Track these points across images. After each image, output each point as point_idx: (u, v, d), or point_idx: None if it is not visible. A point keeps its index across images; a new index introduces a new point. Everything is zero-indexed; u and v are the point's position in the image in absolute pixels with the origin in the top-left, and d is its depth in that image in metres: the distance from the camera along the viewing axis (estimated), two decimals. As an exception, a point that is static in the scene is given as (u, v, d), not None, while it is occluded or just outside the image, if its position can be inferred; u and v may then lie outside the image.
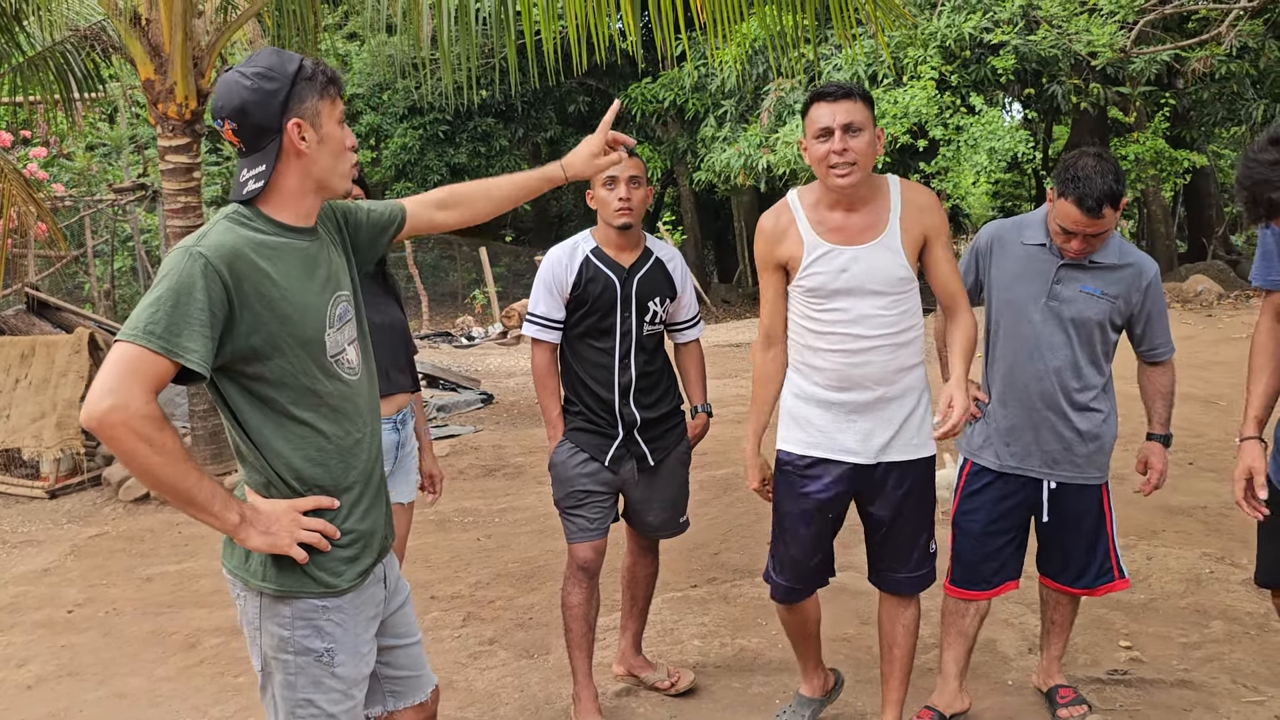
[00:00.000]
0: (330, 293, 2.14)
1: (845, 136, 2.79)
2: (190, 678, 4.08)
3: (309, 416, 2.07)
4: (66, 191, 15.54)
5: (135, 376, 1.86)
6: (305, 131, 2.04)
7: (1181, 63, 14.18)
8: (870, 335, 2.90)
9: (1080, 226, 3.08)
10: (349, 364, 2.17)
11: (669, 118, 19.70)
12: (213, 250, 1.94)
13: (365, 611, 2.18)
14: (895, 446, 2.99)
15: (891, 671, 3.21)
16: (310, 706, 2.11)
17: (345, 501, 2.12)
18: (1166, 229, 18.58)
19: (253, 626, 2.11)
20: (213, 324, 1.92)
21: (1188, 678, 3.66)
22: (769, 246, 2.99)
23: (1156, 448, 3.36)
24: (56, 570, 5.57)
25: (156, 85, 6.74)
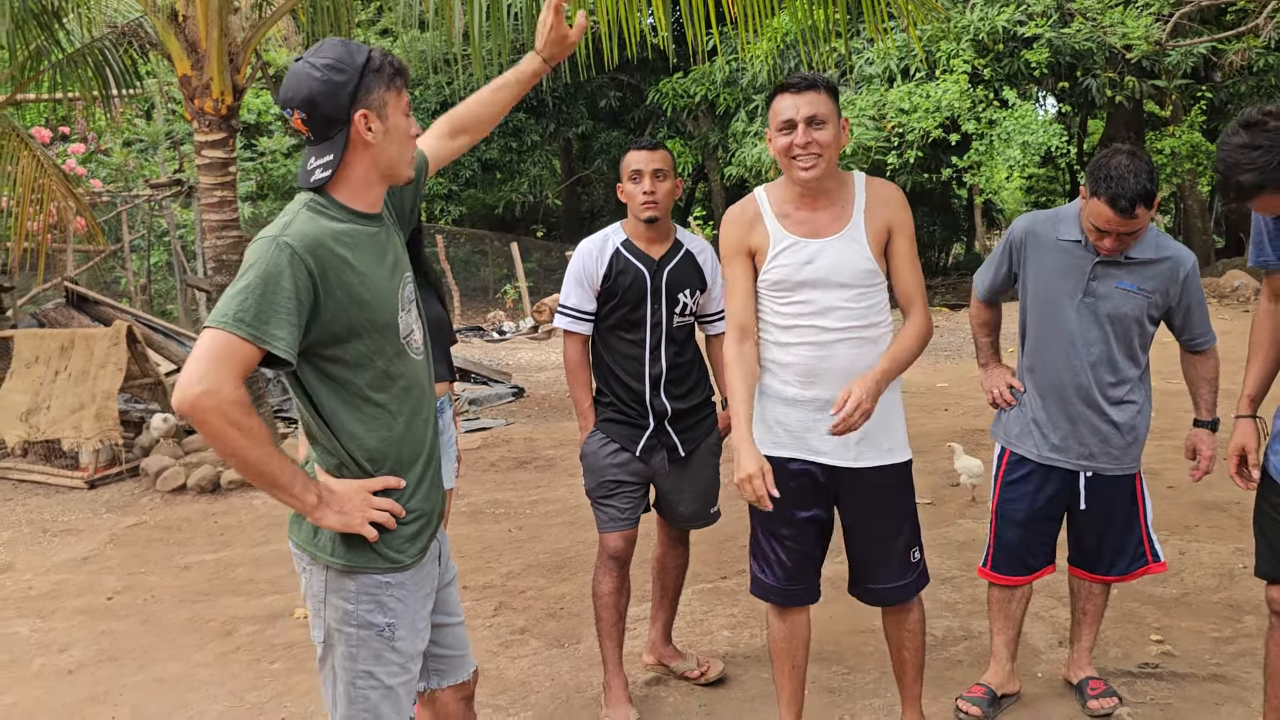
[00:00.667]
0: (399, 276, 2.21)
1: (809, 129, 2.75)
2: (226, 664, 4.15)
3: (383, 398, 2.13)
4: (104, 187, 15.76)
5: (225, 363, 1.92)
6: (372, 122, 2.08)
7: (1219, 55, 14.04)
8: (836, 328, 2.85)
9: (1113, 226, 3.06)
10: (416, 344, 2.24)
11: (700, 112, 19.69)
12: (298, 239, 1.99)
13: (424, 588, 2.25)
14: (866, 450, 2.90)
15: (904, 671, 3.17)
16: (370, 679, 2.18)
17: (410, 480, 2.19)
18: (1203, 224, 18.38)
19: (317, 600, 2.18)
20: (299, 311, 1.98)
21: (1220, 672, 3.65)
22: (738, 234, 2.94)
23: (1204, 434, 3.34)
24: (96, 558, 5.67)
25: (193, 81, 6.83)
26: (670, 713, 3.55)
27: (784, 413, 2.93)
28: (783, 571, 3.01)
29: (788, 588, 3.03)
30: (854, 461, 2.91)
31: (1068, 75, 14.85)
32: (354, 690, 2.18)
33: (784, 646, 3.10)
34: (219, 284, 7.07)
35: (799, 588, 3.04)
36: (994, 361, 3.56)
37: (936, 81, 14.15)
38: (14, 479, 7.58)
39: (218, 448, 1.95)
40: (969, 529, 5.29)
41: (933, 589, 4.50)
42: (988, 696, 3.47)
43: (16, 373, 7.85)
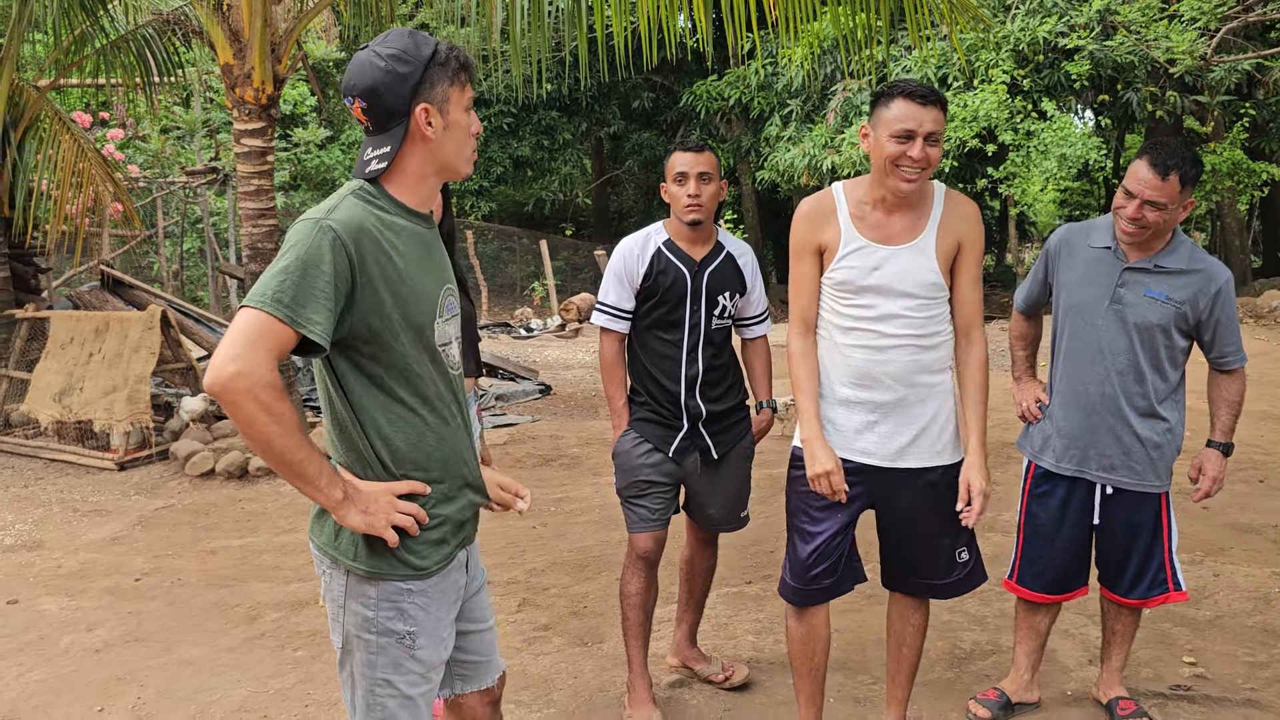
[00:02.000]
0: (442, 283, 2.16)
1: (925, 145, 2.74)
2: (251, 649, 4.16)
3: (413, 401, 2.08)
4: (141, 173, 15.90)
5: (260, 343, 1.87)
6: (433, 117, 2.04)
7: (1263, 72, 13.87)
8: (894, 334, 2.86)
9: (1143, 187, 3.06)
10: (453, 358, 2.19)
11: (733, 116, 19.65)
12: (341, 224, 1.96)
13: (447, 596, 2.19)
14: (914, 451, 2.92)
15: (899, 670, 3.18)
16: (389, 687, 2.12)
17: (436, 487, 2.14)
18: (1241, 242, 18.18)
19: (336, 604, 2.12)
20: (336, 297, 1.94)
21: (1254, 697, 3.59)
22: (810, 228, 2.93)
23: (1213, 454, 3.31)
24: (124, 540, 5.70)
25: (235, 70, 6.87)
26: (694, 716, 3.53)
27: (836, 413, 2.94)
28: (804, 569, 3.01)
29: (806, 588, 3.03)
30: (897, 463, 2.92)
31: (1108, 88, 14.71)
32: (372, 698, 2.13)
33: (801, 648, 3.09)
34: (253, 271, 7.12)
35: (817, 588, 3.02)
36: (1027, 376, 3.55)
37: (974, 91, 14.06)
38: (45, 458, 7.65)
39: (246, 432, 1.89)
40: (997, 543, 5.23)
41: (961, 602, 4.46)
42: (1000, 700, 3.48)
43: (51, 353, 7.93)
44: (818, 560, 2.99)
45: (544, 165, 23.24)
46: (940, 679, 3.80)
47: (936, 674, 3.83)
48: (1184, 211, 3.14)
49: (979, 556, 3.11)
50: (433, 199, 2.17)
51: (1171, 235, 3.21)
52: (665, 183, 3.42)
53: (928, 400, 2.91)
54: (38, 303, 9.15)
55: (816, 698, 3.13)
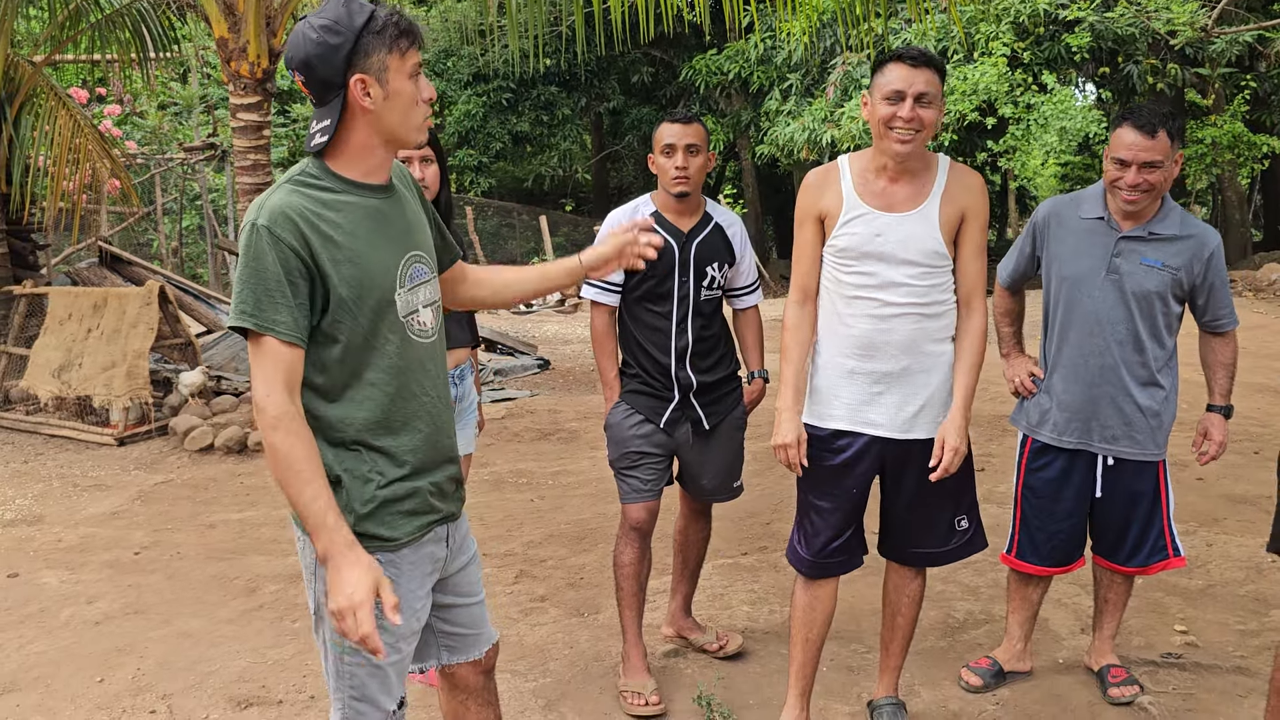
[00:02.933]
0: (403, 251, 2.11)
1: (915, 105, 2.75)
2: (250, 621, 4.19)
3: (375, 376, 2.05)
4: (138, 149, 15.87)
5: (267, 369, 1.93)
6: (370, 88, 1.99)
7: (1264, 44, 13.81)
8: (897, 303, 2.86)
9: (1134, 151, 3.07)
10: (421, 325, 2.14)
11: (733, 90, 19.56)
12: (272, 217, 1.94)
13: (421, 568, 2.17)
14: (921, 422, 2.93)
15: (893, 638, 3.20)
16: (358, 655, 2.12)
17: (408, 459, 2.11)
18: (1241, 215, 18.14)
19: (309, 571, 2.13)
20: (294, 291, 1.93)
21: (1244, 664, 3.61)
22: (811, 197, 2.95)
23: (1216, 419, 3.33)
24: (124, 514, 5.73)
25: (230, 44, 6.84)
26: (688, 684, 3.56)
27: (840, 385, 2.94)
28: (817, 544, 3.03)
29: (819, 560, 3.05)
30: (908, 433, 2.93)
31: (1109, 61, 14.63)
32: (342, 666, 2.14)
33: (803, 618, 3.11)
34: (250, 247, 7.12)
35: (832, 560, 3.05)
36: (1016, 351, 3.56)
37: (974, 64, 13.99)
38: (45, 434, 7.68)
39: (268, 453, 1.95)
40: (994, 514, 5.25)
41: (954, 572, 4.49)
42: (993, 668, 3.51)
43: (50, 329, 7.94)
44: (833, 537, 3.02)
45: (543, 141, 23.17)
46: (934, 648, 3.83)
47: (930, 643, 3.86)
48: (1176, 167, 3.14)
49: (979, 524, 3.14)
50: (386, 169, 2.12)
51: (1162, 201, 3.22)
52: (653, 154, 3.41)
53: (932, 370, 2.92)
54: (36, 279, 9.16)
55: (809, 669, 3.15)
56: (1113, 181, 3.15)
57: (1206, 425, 3.34)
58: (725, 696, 3.47)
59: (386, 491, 2.08)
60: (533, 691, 3.53)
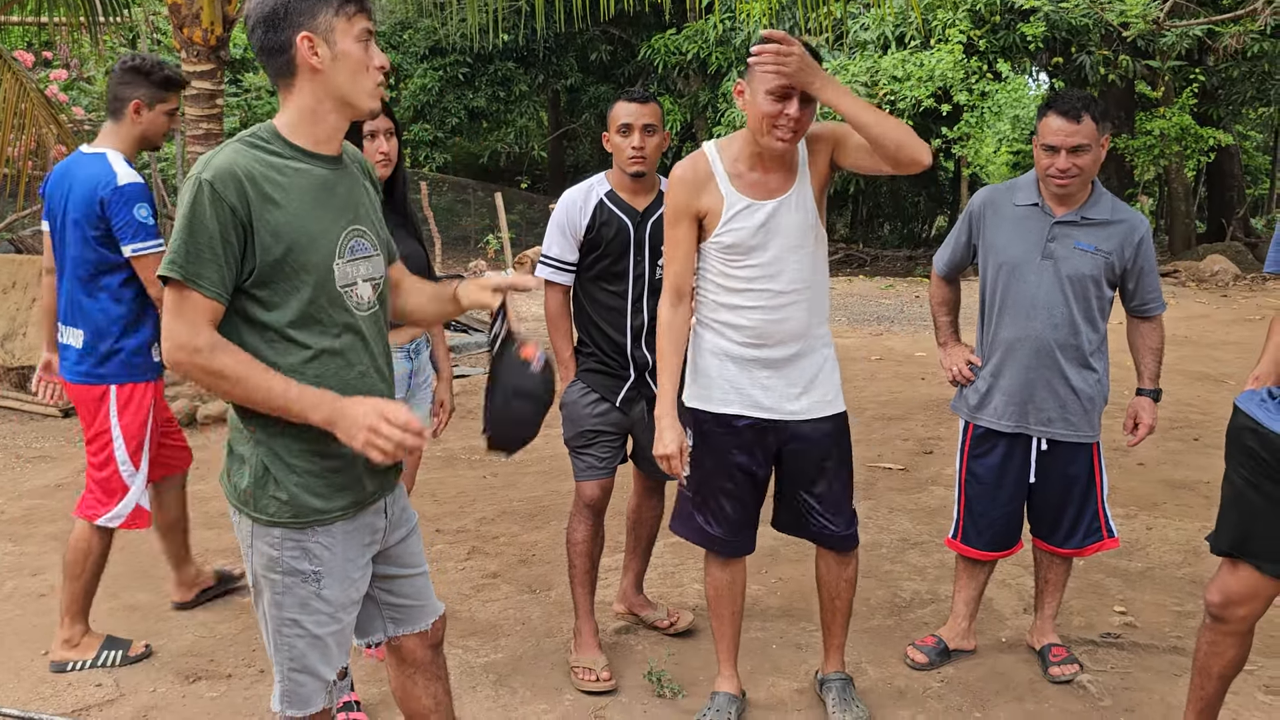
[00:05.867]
0: (344, 224, 2.12)
1: (801, 106, 2.72)
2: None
3: (307, 339, 2.06)
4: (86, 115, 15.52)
5: (182, 314, 1.96)
6: (318, 47, 2.02)
7: (1214, 39, 14.03)
8: (788, 290, 2.88)
9: (1062, 137, 3.15)
10: (359, 298, 2.15)
11: (691, 70, 19.50)
12: (216, 174, 1.95)
13: (357, 538, 2.19)
14: (807, 403, 2.97)
15: (834, 619, 3.23)
16: (296, 626, 2.15)
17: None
18: (1187, 207, 18.45)
19: (245, 544, 2.15)
20: (226, 251, 1.96)
21: (1180, 645, 3.71)
22: (687, 196, 2.88)
23: (1146, 402, 3.41)
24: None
25: (183, 9, 6.71)
26: (639, 660, 3.59)
27: (729, 368, 2.96)
28: (727, 524, 3.08)
29: (731, 539, 3.10)
30: (798, 415, 2.97)
31: (1062, 51, 14.80)
32: (280, 637, 2.16)
33: (727, 594, 3.17)
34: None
35: (741, 538, 3.12)
36: (953, 340, 3.62)
37: (931, 51, 14.09)
38: (-13, 405, 7.53)
39: (214, 392, 2.02)
40: (941, 495, 5.35)
41: (901, 552, 4.57)
42: (938, 647, 3.58)
43: (-8, 298, 7.78)
44: (743, 516, 3.08)
45: (500, 117, 22.95)
46: (880, 626, 3.89)
47: (877, 621, 3.93)
48: (1103, 150, 3.22)
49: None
50: (336, 138, 2.13)
51: (1092, 187, 3.31)
52: (608, 133, 3.41)
53: (814, 353, 2.98)
54: (-22, 246, 8.95)
55: (736, 640, 3.24)
56: (1045, 169, 3.24)
57: (1137, 409, 3.42)
58: (675, 672, 3.51)
59: (326, 463, 2.10)
60: (484, 667, 3.55)
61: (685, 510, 3.14)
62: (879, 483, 5.62)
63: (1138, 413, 3.42)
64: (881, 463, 5.98)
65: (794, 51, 2.62)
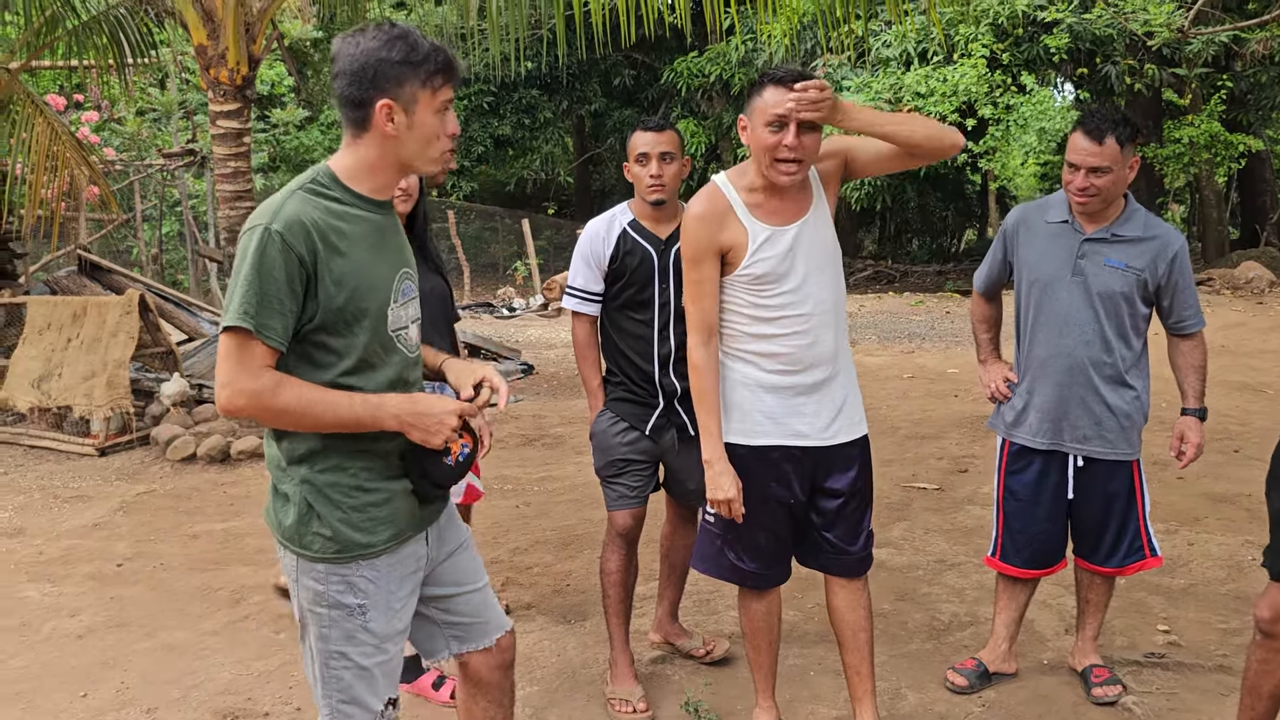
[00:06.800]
0: (397, 268, 2.18)
1: (800, 133, 2.68)
2: (235, 632, 4.17)
3: (361, 383, 2.10)
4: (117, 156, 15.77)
5: (239, 359, 1.98)
6: (396, 114, 2.05)
7: (1240, 44, 13.93)
8: (817, 313, 2.86)
9: (1083, 156, 3.13)
10: (409, 341, 2.21)
11: (714, 92, 19.60)
12: (286, 225, 1.98)
13: (402, 568, 2.21)
14: (840, 426, 2.95)
15: (861, 660, 3.08)
16: (344, 659, 2.17)
17: (382, 465, 2.15)
18: (1219, 214, 18.27)
19: (291, 579, 2.18)
20: (291, 300, 1.99)
21: (1226, 663, 3.64)
22: (709, 233, 2.82)
23: (1192, 422, 3.35)
24: (106, 525, 5.70)
25: (209, 51, 6.82)
26: (675, 690, 3.56)
27: (764, 399, 2.92)
28: (762, 557, 3.03)
29: (766, 571, 3.05)
30: (834, 439, 2.95)
31: (1087, 62, 14.73)
32: (328, 670, 2.18)
33: (763, 625, 3.12)
34: (231, 254, 7.08)
35: (777, 570, 3.07)
36: (993, 357, 3.60)
37: (954, 65, 14.05)
38: (25, 445, 7.62)
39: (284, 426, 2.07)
40: (977, 515, 5.29)
41: (939, 574, 4.52)
42: (978, 669, 3.53)
43: (29, 339, 7.89)
44: (776, 548, 3.04)
45: (525, 144, 23.14)
46: (919, 650, 3.84)
47: (916, 645, 3.88)
48: (1131, 172, 3.20)
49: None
50: (392, 188, 2.18)
51: (1125, 204, 3.27)
52: (628, 163, 3.42)
53: (842, 374, 2.96)
54: (14, 288, 9.10)
55: (774, 671, 3.19)
56: (1066, 184, 3.24)
57: (1182, 429, 3.36)
58: (713, 702, 3.47)
59: (368, 497, 2.14)
60: (520, 700, 3.52)
61: (713, 548, 3.08)
62: (914, 503, 5.57)
63: (1184, 433, 3.35)
64: (916, 482, 5.93)
65: (827, 97, 2.65)
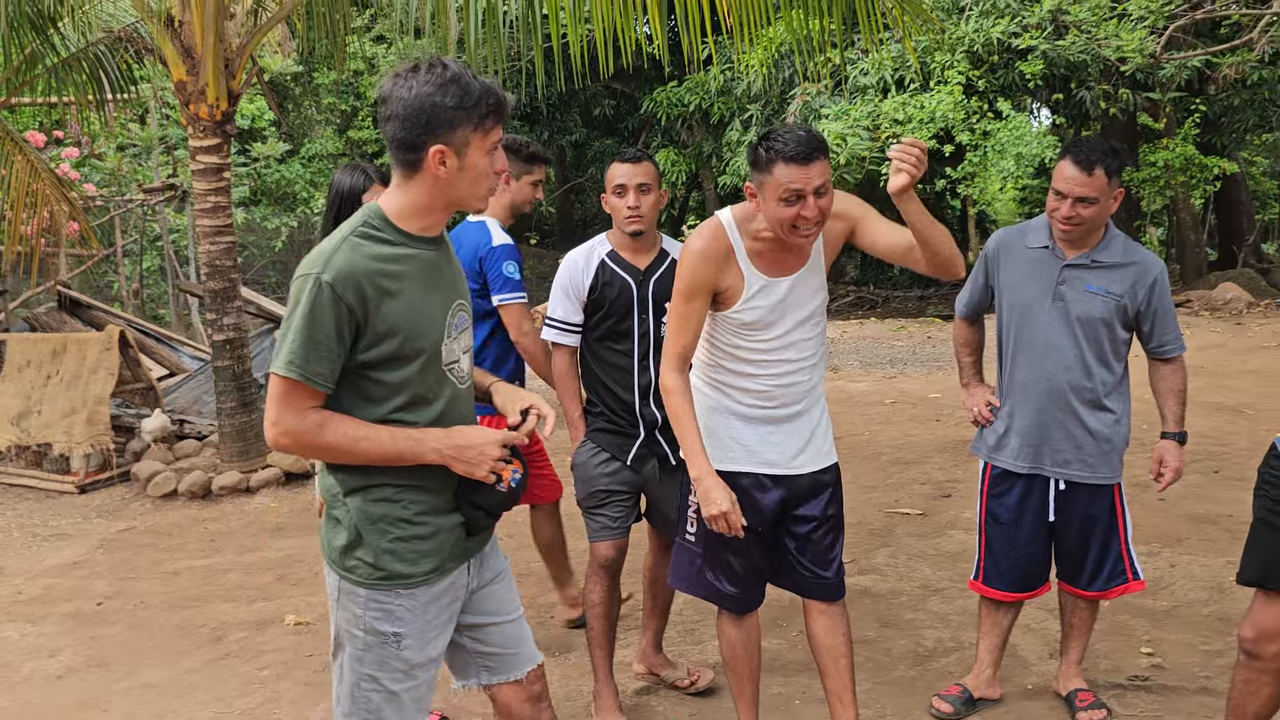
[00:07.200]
0: (450, 301, 2.21)
1: (816, 200, 2.66)
2: (216, 670, 4.13)
3: (412, 418, 2.14)
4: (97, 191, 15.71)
5: (287, 402, 2.05)
6: (448, 158, 2.07)
7: (1213, 68, 14.09)
8: (799, 359, 2.91)
9: (1071, 186, 3.15)
10: (460, 373, 2.25)
11: (694, 121, 19.68)
12: (337, 276, 2.01)
13: (442, 599, 2.25)
14: (809, 456, 2.98)
15: (843, 687, 3.06)
16: (375, 683, 2.21)
17: (430, 499, 2.19)
18: (1196, 236, 18.42)
19: (332, 599, 2.23)
20: (340, 347, 2.04)
21: (1210, 685, 3.65)
22: (708, 272, 2.81)
23: (1171, 446, 3.37)
24: (86, 563, 5.65)
25: (188, 86, 6.82)
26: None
27: (739, 429, 2.96)
28: (739, 581, 3.05)
29: (743, 595, 3.07)
30: (802, 468, 2.98)
31: (1062, 87, 14.86)
32: (358, 691, 2.22)
33: (743, 651, 3.13)
34: (212, 289, 7.05)
35: (753, 594, 3.09)
36: (975, 381, 3.62)
37: (931, 92, 14.17)
38: (4, 483, 7.54)
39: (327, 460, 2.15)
40: (960, 540, 5.29)
41: (923, 600, 4.51)
42: (963, 696, 3.53)
43: (8, 376, 7.83)
44: (754, 573, 3.06)
45: (506, 175, 23.18)
46: (904, 677, 3.84)
47: (900, 671, 3.87)
48: (1115, 203, 3.22)
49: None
50: (442, 225, 2.22)
51: (1105, 229, 3.30)
52: (605, 194, 3.44)
53: (814, 409, 3.01)
54: (-6, 326, 9.04)
55: (756, 697, 3.19)
56: (1051, 211, 3.25)
57: (1162, 453, 3.38)
58: (698, 733, 3.46)
59: (415, 530, 2.18)
60: (504, 734, 3.50)
61: (693, 567, 3.10)
62: (897, 529, 5.57)
63: (1163, 457, 3.38)
64: (899, 508, 5.94)
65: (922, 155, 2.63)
